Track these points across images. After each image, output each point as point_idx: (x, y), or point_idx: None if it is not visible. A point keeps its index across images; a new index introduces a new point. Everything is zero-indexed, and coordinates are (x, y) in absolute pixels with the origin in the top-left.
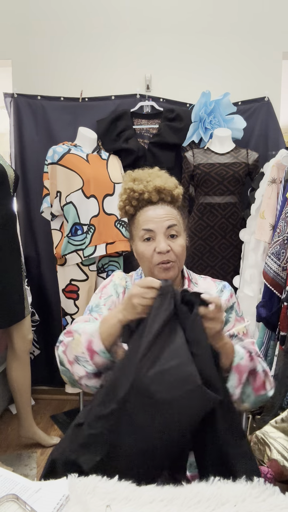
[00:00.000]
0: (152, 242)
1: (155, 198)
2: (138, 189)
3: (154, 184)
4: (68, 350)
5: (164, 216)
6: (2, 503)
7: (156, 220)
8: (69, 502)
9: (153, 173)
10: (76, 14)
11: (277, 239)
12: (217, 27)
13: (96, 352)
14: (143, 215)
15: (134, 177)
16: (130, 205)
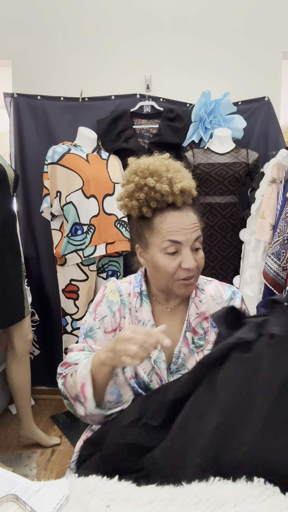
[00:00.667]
0: (177, 256)
1: (179, 203)
2: (162, 189)
3: (181, 186)
4: (68, 386)
5: (192, 226)
6: (2, 503)
7: (184, 231)
8: (69, 502)
9: (170, 165)
10: (76, 14)
11: (277, 239)
12: (217, 27)
13: (87, 398)
14: (166, 222)
15: (151, 170)
16: (147, 206)
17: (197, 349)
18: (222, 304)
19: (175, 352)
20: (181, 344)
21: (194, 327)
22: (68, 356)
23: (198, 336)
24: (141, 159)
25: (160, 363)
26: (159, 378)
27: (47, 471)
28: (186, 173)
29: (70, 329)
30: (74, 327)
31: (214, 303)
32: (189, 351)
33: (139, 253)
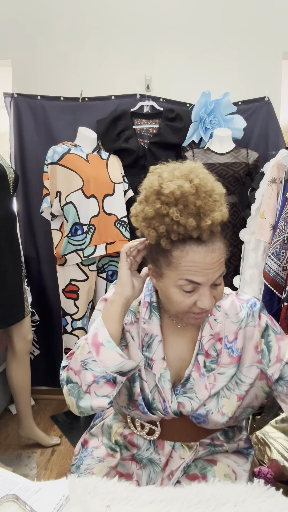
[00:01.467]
0: (193, 294)
1: (206, 237)
2: (188, 224)
3: (212, 221)
4: (73, 362)
5: (216, 265)
6: (2, 503)
7: (206, 272)
8: (69, 502)
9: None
10: (76, 14)
11: (277, 239)
12: (217, 27)
13: (102, 343)
14: (187, 259)
15: (176, 196)
16: (167, 238)
17: (208, 372)
18: (238, 323)
19: (185, 375)
20: (192, 368)
21: (207, 349)
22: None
23: (210, 358)
24: (166, 172)
25: (164, 382)
26: (162, 398)
27: (47, 471)
28: (219, 190)
29: (70, 329)
30: (74, 327)
31: (229, 321)
32: (199, 375)
33: (151, 273)
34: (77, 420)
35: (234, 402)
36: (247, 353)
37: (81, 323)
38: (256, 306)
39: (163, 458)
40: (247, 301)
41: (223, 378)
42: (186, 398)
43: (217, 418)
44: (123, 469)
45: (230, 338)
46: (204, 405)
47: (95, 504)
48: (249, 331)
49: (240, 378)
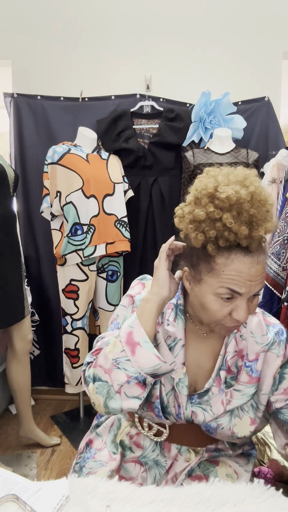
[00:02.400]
0: (230, 303)
1: (254, 248)
2: (240, 232)
3: (265, 230)
4: (103, 360)
5: (259, 278)
6: (2, 503)
7: (248, 284)
8: (69, 502)
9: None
10: (76, 14)
11: (277, 239)
12: (218, 27)
13: (138, 343)
14: (231, 266)
15: (231, 202)
16: (215, 244)
17: (226, 389)
18: (262, 345)
19: (205, 387)
20: (213, 383)
21: (230, 366)
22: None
23: (231, 375)
24: (220, 176)
25: (182, 388)
26: (178, 403)
27: (47, 471)
28: (270, 200)
29: (70, 329)
30: (74, 327)
31: (253, 341)
32: (218, 391)
33: (185, 276)
34: (77, 420)
35: (246, 425)
36: (265, 379)
37: (81, 323)
38: (283, 335)
39: (169, 461)
40: (274, 325)
41: (240, 396)
42: (200, 409)
43: (226, 433)
44: (126, 473)
45: (250, 357)
46: (217, 418)
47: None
48: (271, 357)
49: (256, 403)
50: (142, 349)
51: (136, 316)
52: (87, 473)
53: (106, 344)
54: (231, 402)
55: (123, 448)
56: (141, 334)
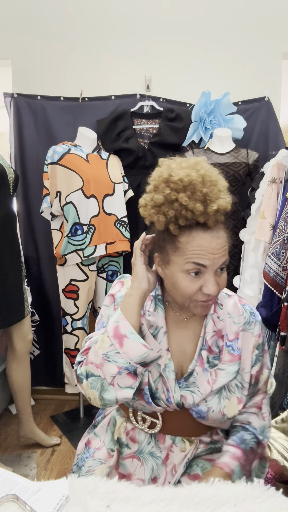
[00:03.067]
0: (199, 278)
1: (212, 223)
2: (195, 209)
3: (218, 206)
4: (93, 356)
5: (221, 250)
6: (2, 503)
7: (212, 256)
8: (69, 502)
9: (206, 176)
10: (76, 14)
11: (277, 239)
12: (217, 27)
13: (125, 335)
14: (193, 244)
15: (184, 183)
16: (175, 224)
17: (210, 368)
18: (240, 325)
19: (189, 369)
20: (196, 363)
21: (210, 345)
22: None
23: (213, 354)
24: (174, 164)
25: (169, 373)
26: (166, 387)
27: (47, 471)
28: (222, 182)
29: (70, 329)
30: (74, 327)
31: (231, 321)
32: (203, 370)
33: (157, 262)
34: (77, 420)
35: (235, 404)
36: (245, 357)
37: (81, 323)
38: (258, 317)
39: (163, 452)
40: (250, 307)
41: (224, 374)
42: (188, 392)
43: (217, 416)
44: (124, 469)
45: (230, 337)
46: (206, 401)
47: (95, 504)
48: (248, 336)
49: (241, 382)
50: (129, 341)
51: (120, 311)
52: (86, 471)
53: (95, 342)
54: (216, 381)
55: (120, 445)
56: (127, 327)
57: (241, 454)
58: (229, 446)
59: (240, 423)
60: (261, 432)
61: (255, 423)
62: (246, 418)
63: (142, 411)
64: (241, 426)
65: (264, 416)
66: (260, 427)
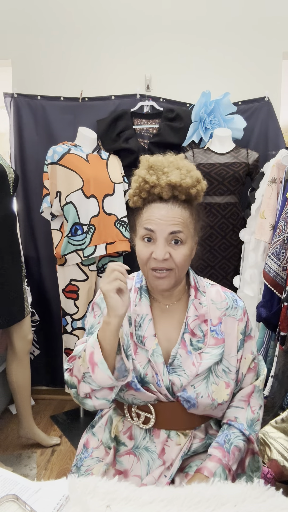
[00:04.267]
0: (151, 244)
1: (166, 195)
2: (150, 180)
3: (169, 179)
4: (76, 371)
5: (171, 219)
6: (2, 503)
7: (159, 222)
8: (69, 502)
9: (174, 162)
10: (76, 14)
11: (277, 239)
12: (218, 27)
13: (96, 363)
14: (148, 211)
15: (150, 164)
16: (139, 195)
17: (195, 351)
18: (223, 311)
19: (172, 353)
20: (178, 346)
21: (193, 329)
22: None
23: (196, 338)
24: (154, 157)
25: (157, 357)
26: (155, 371)
27: (47, 471)
28: (191, 172)
29: (70, 329)
30: (74, 327)
31: (214, 307)
32: (186, 353)
33: (133, 239)
34: (77, 420)
35: (223, 389)
36: (229, 341)
37: (81, 323)
38: (240, 302)
39: (158, 446)
40: (232, 294)
41: (209, 357)
42: (175, 376)
43: (206, 401)
44: (120, 466)
45: (214, 322)
46: (194, 387)
47: (95, 504)
48: (231, 321)
49: (228, 367)
50: (99, 370)
51: (97, 338)
52: (84, 471)
53: (78, 356)
54: (202, 364)
55: (117, 443)
56: (98, 356)
57: (222, 454)
58: (212, 448)
59: (227, 419)
60: (248, 426)
61: (242, 418)
62: (234, 413)
63: (136, 406)
64: (227, 423)
65: (254, 409)
66: (248, 421)
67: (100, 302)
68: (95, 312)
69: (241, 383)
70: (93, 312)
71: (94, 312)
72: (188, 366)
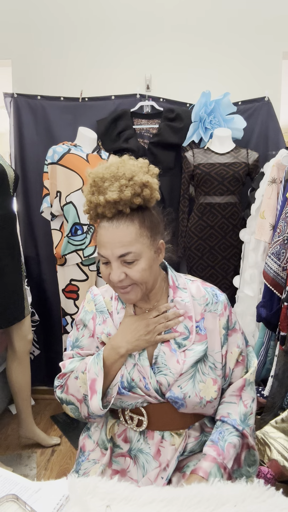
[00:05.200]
0: (108, 266)
1: (110, 213)
2: (93, 200)
3: (106, 197)
4: (74, 389)
5: (117, 242)
6: (2, 503)
7: (108, 246)
8: (69, 502)
9: (115, 173)
10: (76, 14)
11: (277, 239)
12: (218, 27)
13: (96, 392)
14: (99, 233)
15: (92, 179)
16: (90, 214)
17: (179, 348)
18: (204, 306)
19: (155, 353)
20: (161, 344)
21: (175, 327)
22: (62, 367)
23: (181, 336)
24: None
25: (143, 360)
26: (142, 375)
27: (47, 471)
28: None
29: (70, 329)
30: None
31: (196, 303)
32: (170, 350)
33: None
34: (77, 420)
35: (210, 386)
36: (212, 337)
37: None
38: (221, 296)
39: (152, 447)
40: (212, 288)
41: (192, 354)
42: (161, 375)
43: (195, 400)
44: (117, 465)
45: (197, 318)
46: (181, 387)
47: (95, 504)
48: (212, 316)
49: (213, 363)
50: (95, 399)
51: (102, 367)
52: (82, 474)
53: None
54: (186, 361)
55: (113, 445)
56: (99, 386)
57: (217, 453)
58: (206, 447)
59: (220, 416)
60: (242, 421)
61: (234, 413)
62: (226, 409)
63: (129, 409)
64: (220, 420)
65: (246, 403)
66: (240, 416)
67: (83, 318)
68: (77, 325)
69: (230, 378)
70: (76, 326)
71: (76, 325)
72: (173, 364)
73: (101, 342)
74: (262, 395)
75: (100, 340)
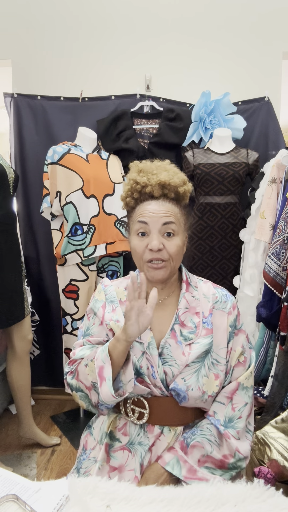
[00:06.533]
0: (145, 237)
1: (157, 193)
2: (141, 181)
3: (159, 178)
4: (83, 376)
5: (163, 212)
6: (2, 503)
7: (152, 215)
8: (69, 502)
9: (161, 166)
10: (76, 14)
11: (277, 239)
12: (217, 27)
13: (105, 379)
14: (141, 208)
15: (140, 168)
16: (131, 197)
17: (185, 341)
18: (212, 303)
19: (161, 343)
20: (168, 336)
21: (183, 320)
22: (73, 354)
23: (187, 329)
24: (143, 162)
25: (152, 349)
26: (150, 364)
27: (47, 471)
28: (177, 174)
29: (70, 329)
30: (74, 327)
31: (206, 301)
32: (176, 343)
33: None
34: (77, 420)
35: (212, 381)
36: (218, 333)
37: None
38: (230, 297)
39: (151, 440)
40: (222, 289)
41: (197, 347)
42: (167, 366)
43: (197, 394)
44: (115, 461)
45: (205, 314)
46: (184, 380)
47: (95, 504)
48: (220, 314)
49: (216, 359)
50: (105, 385)
51: (108, 352)
52: (83, 473)
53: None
54: (191, 354)
55: (112, 439)
56: (108, 372)
57: (180, 447)
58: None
59: (207, 413)
60: (226, 423)
61: (220, 414)
62: (214, 408)
63: (131, 402)
64: (205, 417)
65: (235, 406)
66: (225, 417)
67: (93, 306)
68: (88, 314)
69: (230, 376)
70: (87, 315)
71: (87, 314)
72: (178, 356)
73: (110, 329)
74: (262, 395)
75: (109, 327)
